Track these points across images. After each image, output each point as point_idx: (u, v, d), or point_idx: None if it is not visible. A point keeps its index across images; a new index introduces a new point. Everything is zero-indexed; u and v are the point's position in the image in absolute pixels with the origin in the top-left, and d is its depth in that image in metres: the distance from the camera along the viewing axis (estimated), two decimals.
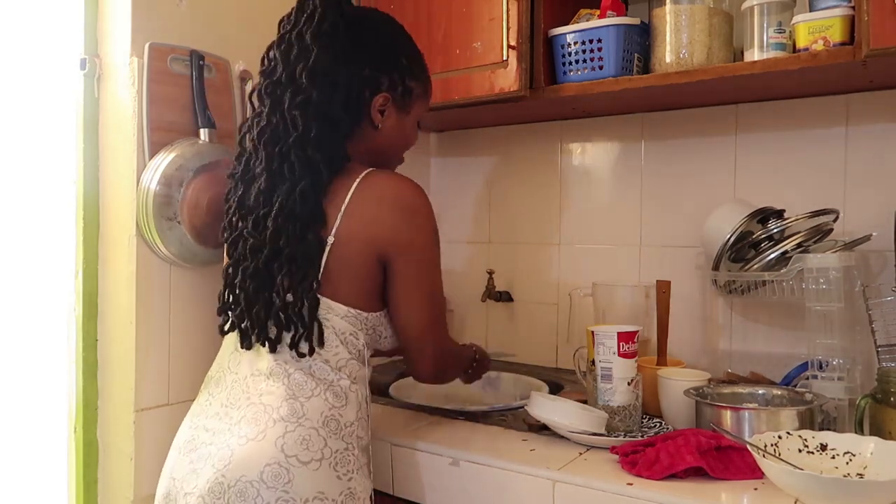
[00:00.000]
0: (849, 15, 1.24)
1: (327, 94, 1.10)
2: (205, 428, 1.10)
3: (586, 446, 1.20)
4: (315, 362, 1.08)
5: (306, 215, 1.07)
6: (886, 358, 1.26)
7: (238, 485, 1.00)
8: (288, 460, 1.01)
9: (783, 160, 1.56)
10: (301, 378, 1.07)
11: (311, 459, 1.02)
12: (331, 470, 1.03)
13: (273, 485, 1.00)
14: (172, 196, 1.32)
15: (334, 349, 1.09)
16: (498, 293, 1.92)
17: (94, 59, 1.36)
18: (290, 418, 1.04)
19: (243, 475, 1.00)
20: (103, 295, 1.37)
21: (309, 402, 1.06)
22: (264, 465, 1.01)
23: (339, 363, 1.09)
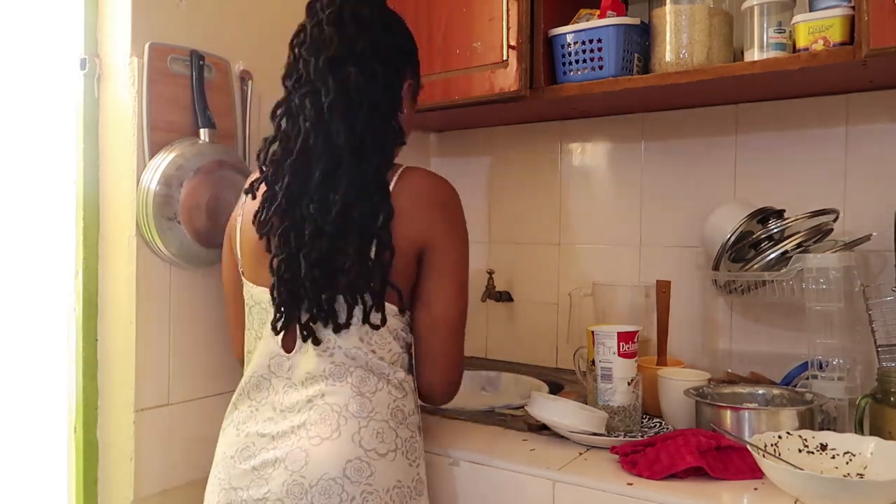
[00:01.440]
0: (849, 15, 1.24)
1: (387, 71, 1.12)
2: (259, 434, 1.09)
3: (586, 446, 1.20)
4: (371, 359, 1.09)
5: (379, 187, 1.07)
6: (886, 358, 1.26)
7: (320, 483, 1.01)
8: (367, 454, 1.03)
9: (783, 160, 1.56)
10: (362, 374, 1.08)
11: (388, 451, 1.05)
12: (404, 458, 1.07)
13: (357, 479, 1.02)
14: (172, 196, 1.32)
15: (388, 344, 1.10)
16: (498, 293, 1.92)
17: (94, 59, 1.36)
18: (360, 414, 1.05)
19: (325, 473, 1.01)
20: (103, 295, 1.37)
21: (375, 396, 1.08)
22: (346, 461, 1.02)
23: (393, 357, 1.11)
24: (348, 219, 1.05)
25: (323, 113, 1.07)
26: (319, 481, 1.01)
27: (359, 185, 1.06)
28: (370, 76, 1.09)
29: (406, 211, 1.08)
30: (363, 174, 1.07)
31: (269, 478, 1.04)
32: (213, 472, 1.13)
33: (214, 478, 1.12)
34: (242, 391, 1.15)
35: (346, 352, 1.08)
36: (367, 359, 1.08)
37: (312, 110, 1.08)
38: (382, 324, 1.08)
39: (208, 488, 1.13)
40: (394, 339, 1.11)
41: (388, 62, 1.12)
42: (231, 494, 1.08)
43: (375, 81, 1.09)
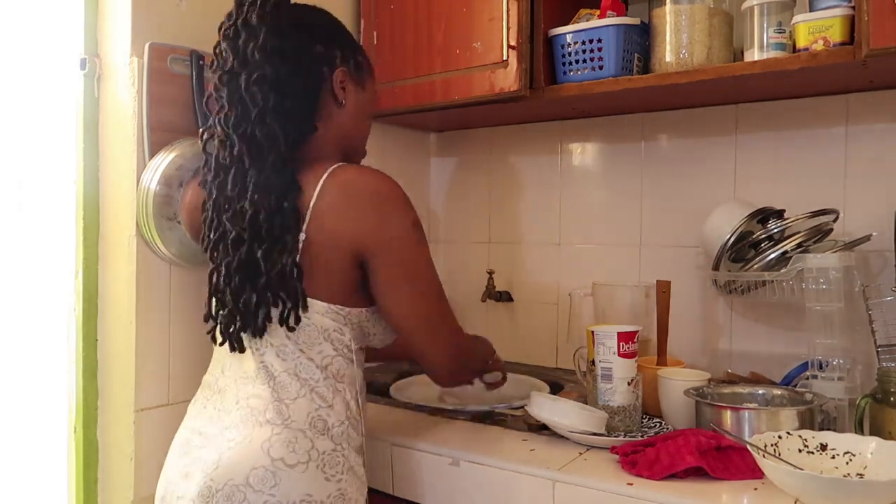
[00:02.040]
0: (849, 15, 1.24)
1: (281, 69, 1.08)
2: (199, 431, 1.10)
3: (586, 446, 1.20)
4: (300, 360, 1.06)
5: (281, 186, 1.05)
6: (886, 358, 1.26)
7: (225, 489, 1.00)
8: (274, 463, 1.01)
9: (783, 160, 1.56)
10: (286, 379, 1.06)
11: (298, 462, 1.02)
12: (318, 471, 1.03)
13: (259, 488, 1.00)
14: (172, 196, 1.32)
15: (318, 346, 1.07)
16: (498, 293, 1.92)
17: (94, 59, 1.36)
18: (275, 420, 1.04)
19: (230, 479, 1.01)
20: (103, 295, 1.37)
21: (294, 403, 1.05)
22: (251, 468, 1.01)
23: (325, 361, 1.07)
24: (257, 224, 1.05)
25: (224, 127, 1.09)
26: (225, 486, 1.00)
27: (262, 189, 1.05)
28: (260, 79, 1.06)
29: (332, 208, 1.05)
30: (265, 178, 1.05)
31: (191, 476, 1.05)
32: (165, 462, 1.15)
33: (164, 468, 1.14)
34: (201, 387, 1.18)
35: (277, 351, 1.07)
36: (296, 360, 1.06)
37: (220, 126, 1.10)
38: (296, 323, 1.05)
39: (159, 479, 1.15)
40: (325, 340, 1.07)
41: (288, 58, 1.08)
42: (165, 486, 1.11)
43: (267, 82, 1.06)
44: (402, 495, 1.26)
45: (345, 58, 1.16)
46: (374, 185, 1.08)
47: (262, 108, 1.06)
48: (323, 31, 1.17)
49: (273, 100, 1.06)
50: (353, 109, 1.18)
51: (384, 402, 1.51)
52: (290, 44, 1.09)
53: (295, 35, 1.10)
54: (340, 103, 1.15)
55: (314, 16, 1.18)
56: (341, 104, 1.15)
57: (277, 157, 1.06)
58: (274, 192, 1.05)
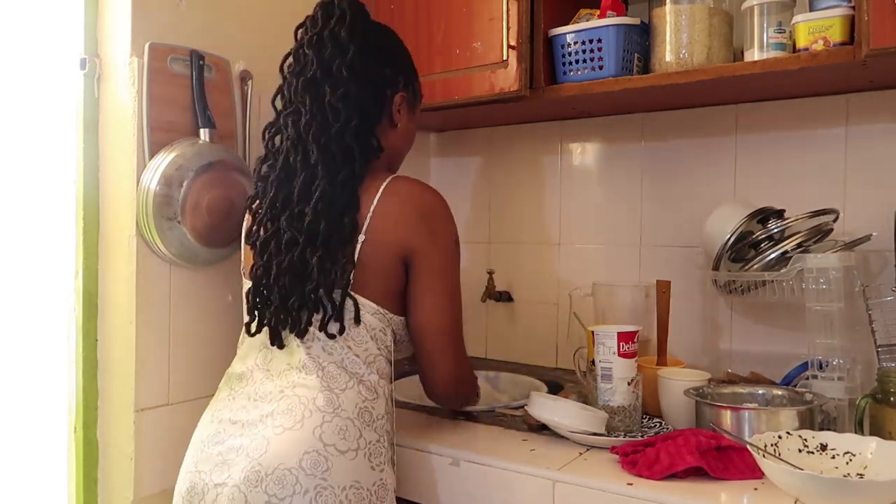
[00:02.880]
0: (849, 15, 1.24)
1: (363, 88, 1.16)
2: (230, 421, 1.12)
3: (586, 446, 1.20)
4: (347, 356, 1.11)
5: (344, 202, 1.12)
6: (886, 358, 1.26)
7: (276, 472, 1.02)
8: (326, 449, 1.04)
9: (783, 160, 1.56)
10: (335, 371, 1.10)
11: (349, 449, 1.05)
12: (366, 460, 1.06)
13: (312, 472, 1.02)
14: (172, 196, 1.32)
15: (365, 344, 1.12)
16: (498, 293, 1.92)
17: (94, 59, 1.36)
18: (326, 409, 1.07)
19: (281, 463, 1.02)
20: (103, 295, 1.37)
21: (344, 393, 1.09)
22: (303, 452, 1.03)
23: (369, 358, 1.12)
24: (317, 230, 1.11)
25: (301, 132, 1.14)
26: (276, 470, 1.02)
27: (329, 198, 1.11)
28: (344, 95, 1.13)
29: (390, 216, 1.13)
30: (333, 188, 1.12)
31: (231, 463, 1.06)
32: (185, 457, 1.15)
33: (187, 461, 1.14)
34: (226, 380, 1.20)
35: (323, 346, 1.11)
36: (342, 354, 1.11)
37: (293, 129, 1.15)
38: (340, 333, 1.11)
39: (180, 472, 1.15)
40: (371, 339, 1.13)
41: (366, 80, 1.16)
42: (195, 477, 1.10)
43: (350, 99, 1.14)
44: (402, 495, 1.26)
45: (407, 83, 1.25)
46: (427, 198, 1.17)
47: (342, 125, 1.13)
48: (393, 54, 1.25)
49: (356, 119, 1.14)
50: (404, 131, 1.27)
51: None
52: (371, 65, 1.18)
53: (374, 57, 1.19)
54: (395, 125, 1.24)
55: (388, 38, 1.27)
56: (395, 125, 1.24)
57: (349, 174, 1.13)
58: (337, 207, 1.12)
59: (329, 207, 1.11)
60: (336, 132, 1.13)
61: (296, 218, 1.13)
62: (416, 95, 1.29)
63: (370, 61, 1.17)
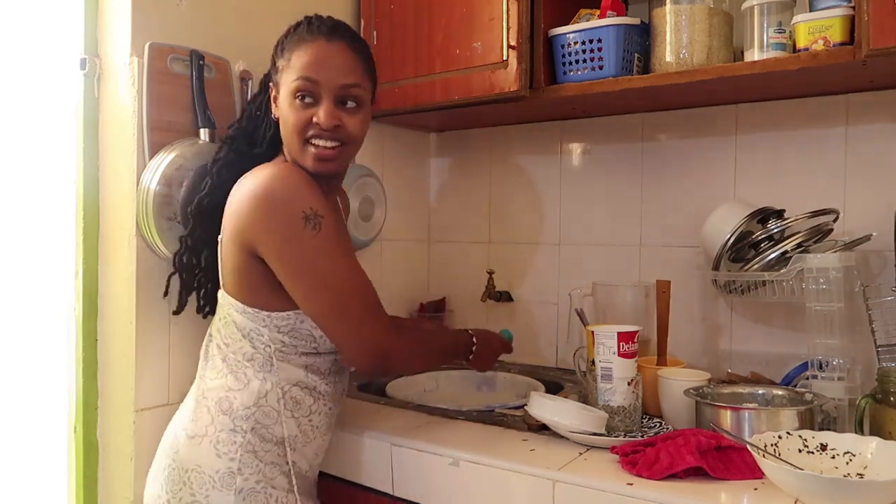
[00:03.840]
0: (849, 15, 1.24)
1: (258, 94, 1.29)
2: None
3: (586, 446, 1.20)
4: (229, 353, 1.15)
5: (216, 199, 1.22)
6: (886, 358, 1.26)
7: (160, 450, 1.19)
8: (177, 433, 1.15)
9: (783, 160, 1.56)
10: (217, 362, 1.16)
11: (196, 434, 1.13)
12: (210, 447, 1.11)
13: (166, 452, 1.16)
14: (172, 196, 1.32)
15: (238, 342, 1.15)
16: (498, 293, 1.92)
17: (94, 59, 1.36)
18: (195, 395, 1.17)
19: (163, 441, 1.19)
20: (103, 295, 1.37)
21: (212, 381, 1.16)
22: (169, 435, 1.18)
23: (247, 356, 1.14)
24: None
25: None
26: (160, 448, 1.19)
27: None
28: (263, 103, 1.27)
29: (229, 208, 1.13)
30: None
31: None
32: None
33: None
34: None
35: (214, 339, 1.19)
36: (227, 349, 1.16)
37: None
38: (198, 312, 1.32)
39: None
40: (244, 339, 1.14)
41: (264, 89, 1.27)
42: None
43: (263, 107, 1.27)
44: (402, 495, 1.26)
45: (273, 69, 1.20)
46: (255, 182, 1.08)
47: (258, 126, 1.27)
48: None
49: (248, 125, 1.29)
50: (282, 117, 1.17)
51: (384, 401, 1.51)
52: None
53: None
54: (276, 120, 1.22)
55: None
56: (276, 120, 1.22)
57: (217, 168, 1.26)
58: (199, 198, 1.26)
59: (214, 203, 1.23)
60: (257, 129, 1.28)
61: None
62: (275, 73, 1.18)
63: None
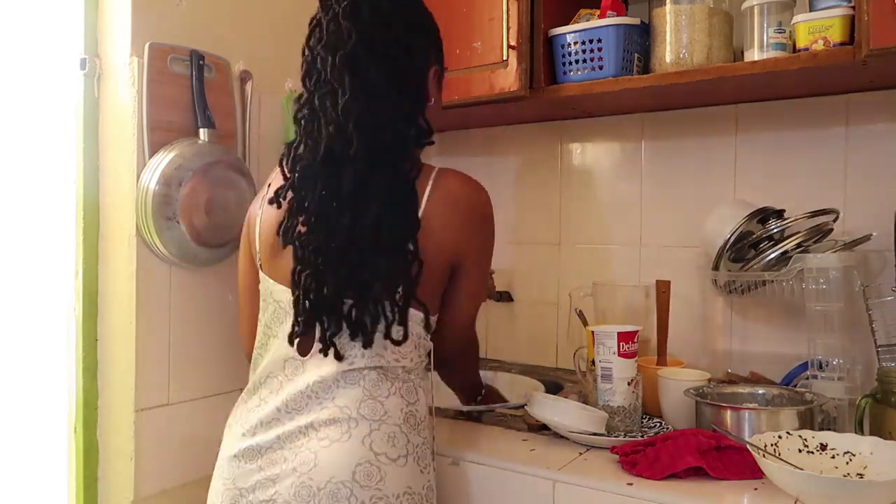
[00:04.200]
0: (849, 15, 1.24)
1: (411, 65, 1.06)
2: (265, 433, 1.06)
3: (586, 446, 1.20)
4: (390, 364, 1.05)
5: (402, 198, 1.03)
6: (886, 358, 1.26)
7: (328, 486, 0.98)
8: (378, 458, 1.00)
9: (783, 160, 1.56)
10: (375, 378, 1.04)
11: (399, 456, 1.02)
12: (415, 464, 1.04)
13: (366, 483, 0.99)
14: (172, 196, 1.32)
15: (410, 353, 1.07)
16: (498, 293, 1.92)
17: (94, 59, 1.36)
18: (372, 417, 1.02)
19: (333, 476, 0.99)
20: (103, 295, 1.37)
21: (388, 400, 1.04)
22: (355, 464, 0.99)
23: (411, 366, 1.08)
24: (379, 233, 1.01)
25: (340, 116, 1.02)
26: (328, 484, 0.98)
27: (388, 196, 1.02)
28: (391, 74, 1.02)
29: (440, 221, 1.05)
30: (390, 184, 1.02)
31: (275, 479, 1.02)
32: (217, 471, 1.10)
33: (219, 477, 1.09)
34: (254, 387, 1.12)
35: (360, 352, 1.04)
36: (384, 363, 1.05)
37: (333, 112, 1.03)
38: (404, 339, 1.03)
39: (212, 487, 1.10)
40: (416, 349, 1.08)
41: (411, 54, 1.05)
42: (235, 494, 1.05)
43: (396, 79, 1.03)
44: None
45: (438, 57, 1.15)
46: (477, 198, 1.12)
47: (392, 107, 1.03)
48: (429, 24, 1.14)
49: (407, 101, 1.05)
50: (435, 108, 1.14)
51: None
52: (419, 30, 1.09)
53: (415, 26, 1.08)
54: (430, 100, 1.12)
55: (422, 8, 1.14)
56: (430, 101, 1.12)
57: (406, 165, 1.04)
58: (403, 205, 1.03)
59: (389, 209, 1.01)
60: (385, 118, 1.02)
61: (353, 219, 1.02)
62: (443, 68, 1.16)
63: (415, 32, 1.07)
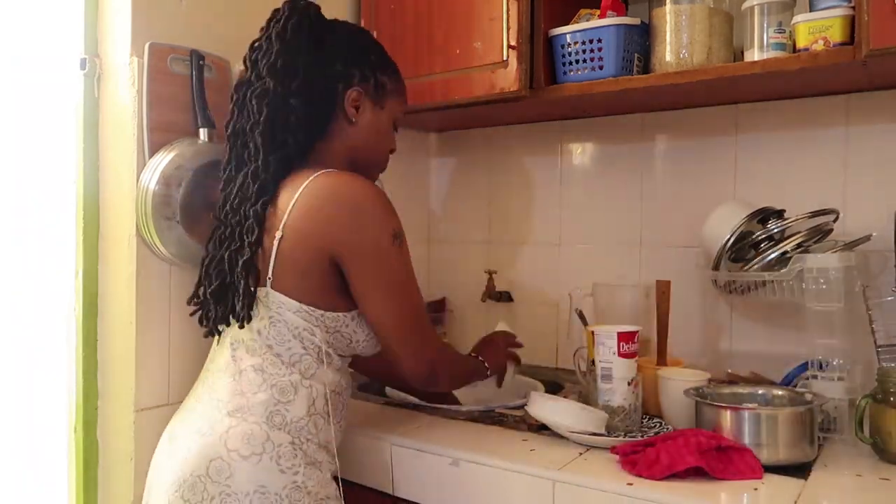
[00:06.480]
0: (849, 15, 1.24)
1: (286, 84, 1.14)
2: (181, 420, 1.16)
3: (586, 446, 1.20)
4: (267, 356, 1.11)
5: (255, 193, 1.13)
6: (886, 358, 1.26)
7: (190, 479, 1.06)
8: (230, 455, 1.05)
9: (783, 160, 1.56)
10: (251, 374, 1.10)
11: (252, 454, 1.06)
12: (272, 463, 1.06)
13: (217, 479, 1.05)
14: (171, 196, 1.32)
15: (287, 343, 1.10)
16: (498, 293, 1.92)
17: (94, 59, 1.36)
18: (235, 413, 1.08)
19: (194, 470, 1.06)
20: (103, 295, 1.37)
21: (255, 396, 1.09)
22: (210, 459, 1.05)
23: (293, 358, 1.11)
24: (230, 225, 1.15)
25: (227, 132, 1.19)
26: (190, 476, 1.06)
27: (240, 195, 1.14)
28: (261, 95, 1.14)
29: (306, 209, 1.10)
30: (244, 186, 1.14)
31: (165, 468, 1.11)
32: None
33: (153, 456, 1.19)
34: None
35: (247, 347, 1.12)
36: (262, 356, 1.11)
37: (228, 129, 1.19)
38: (248, 321, 1.11)
39: None
40: (294, 338, 1.10)
41: (294, 78, 1.15)
42: (152, 475, 1.16)
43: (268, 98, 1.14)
44: (402, 495, 1.26)
45: (364, 77, 1.21)
46: (350, 192, 1.11)
47: (254, 121, 1.14)
48: (345, 49, 1.21)
49: (266, 114, 1.14)
50: (367, 127, 1.22)
51: (383, 401, 1.51)
52: (305, 59, 1.16)
53: (310, 54, 1.17)
54: (351, 121, 1.20)
55: (341, 34, 1.23)
56: (352, 122, 1.20)
57: (258, 167, 1.13)
58: (247, 200, 1.13)
59: (243, 201, 1.13)
60: (250, 127, 1.14)
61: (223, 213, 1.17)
62: (381, 89, 1.22)
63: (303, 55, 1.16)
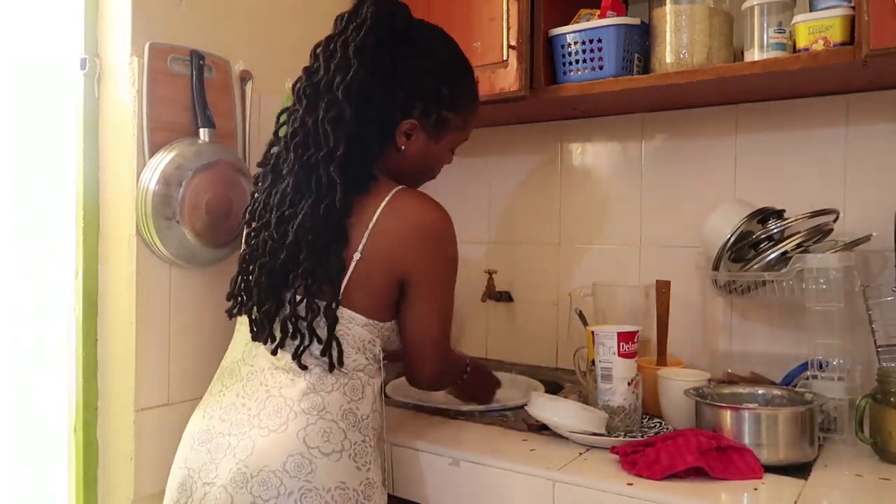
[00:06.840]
0: (849, 15, 1.24)
1: (361, 113, 1.10)
2: (220, 419, 1.12)
3: (586, 446, 1.20)
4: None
5: (328, 235, 1.08)
6: (886, 358, 1.26)
7: (261, 474, 1.03)
8: (310, 451, 1.05)
9: (783, 160, 1.56)
10: (320, 373, 1.09)
11: (333, 451, 1.06)
12: (350, 461, 1.07)
13: (296, 474, 1.03)
14: (171, 196, 1.32)
15: (353, 356, 1.11)
16: (498, 293, 1.92)
17: (94, 59, 1.36)
18: (310, 411, 1.07)
19: (266, 465, 1.04)
20: (103, 295, 1.37)
21: (329, 395, 1.09)
22: (287, 455, 1.04)
23: (356, 366, 1.12)
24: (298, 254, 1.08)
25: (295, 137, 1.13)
26: (260, 472, 1.03)
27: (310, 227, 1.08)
28: (335, 119, 1.09)
29: (388, 236, 1.10)
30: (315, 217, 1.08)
31: (219, 463, 1.07)
32: (178, 450, 1.16)
33: (178, 456, 1.15)
34: (219, 375, 1.19)
35: (309, 350, 1.10)
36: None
37: (290, 130, 1.14)
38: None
39: (173, 466, 1.16)
40: (359, 351, 1.11)
41: (367, 104, 1.10)
42: (186, 474, 1.11)
43: (343, 125, 1.09)
44: (402, 495, 1.26)
45: (426, 112, 1.17)
46: (428, 218, 1.13)
47: (329, 151, 1.09)
48: (417, 79, 1.16)
49: (343, 148, 1.08)
50: (414, 157, 1.19)
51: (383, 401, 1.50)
52: (379, 89, 1.12)
53: (385, 80, 1.12)
54: (399, 149, 1.18)
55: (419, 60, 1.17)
56: (400, 150, 1.18)
57: (331, 204, 1.08)
58: (321, 239, 1.08)
59: (313, 236, 1.08)
60: (324, 157, 1.09)
61: (280, 227, 1.10)
62: (441, 124, 1.19)
63: (377, 83, 1.11)
